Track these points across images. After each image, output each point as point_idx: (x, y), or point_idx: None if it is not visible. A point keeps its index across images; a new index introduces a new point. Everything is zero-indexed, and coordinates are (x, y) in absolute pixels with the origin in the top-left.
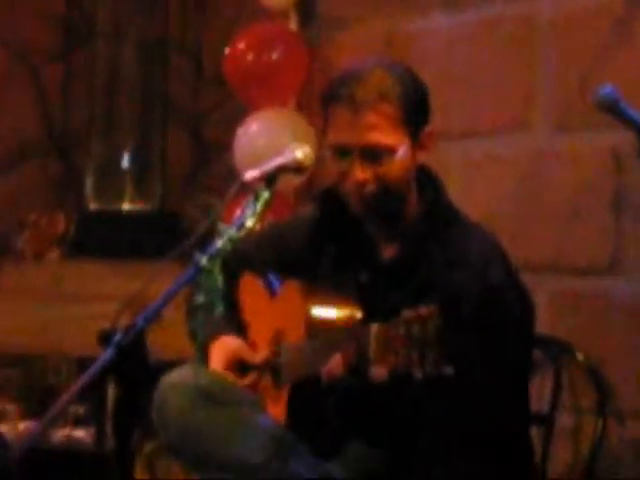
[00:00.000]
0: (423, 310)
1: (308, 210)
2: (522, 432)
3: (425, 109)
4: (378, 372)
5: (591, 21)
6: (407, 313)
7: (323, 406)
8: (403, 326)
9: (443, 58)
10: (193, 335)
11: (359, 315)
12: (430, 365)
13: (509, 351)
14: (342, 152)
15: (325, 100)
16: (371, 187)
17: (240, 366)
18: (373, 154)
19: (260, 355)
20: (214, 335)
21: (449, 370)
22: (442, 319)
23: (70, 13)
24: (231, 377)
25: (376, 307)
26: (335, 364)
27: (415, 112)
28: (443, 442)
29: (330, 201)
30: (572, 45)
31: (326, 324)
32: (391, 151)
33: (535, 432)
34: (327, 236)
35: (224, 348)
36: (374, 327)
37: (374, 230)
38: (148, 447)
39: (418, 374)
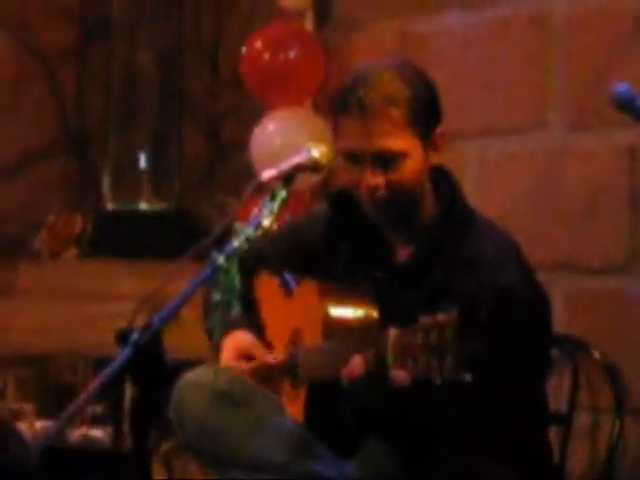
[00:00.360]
0: (441, 317)
1: (322, 208)
2: (541, 432)
3: (435, 110)
4: (400, 375)
5: (606, 19)
6: (425, 320)
7: (341, 408)
8: (421, 333)
9: (458, 57)
10: (210, 334)
11: (375, 315)
12: (449, 372)
13: (526, 351)
14: (353, 158)
15: (335, 107)
16: (383, 192)
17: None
18: (384, 160)
19: (273, 356)
20: (228, 331)
21: (468, 377)
22: (460, 326)
23: (85, 11)
24: (239, 366)
25: (392, 307)
26: (356, 365)
27: (425, 114)
28: (462, 444)
29: (343, 202)
30: (587, 43)
31: (343, 324)
32: (402, 156)
33: (553, 432)
34: (342, 235)
35: (236, 342)
36: (392, 332)
37: (389, 231)
38: (165, 447)
39: (437, 380)
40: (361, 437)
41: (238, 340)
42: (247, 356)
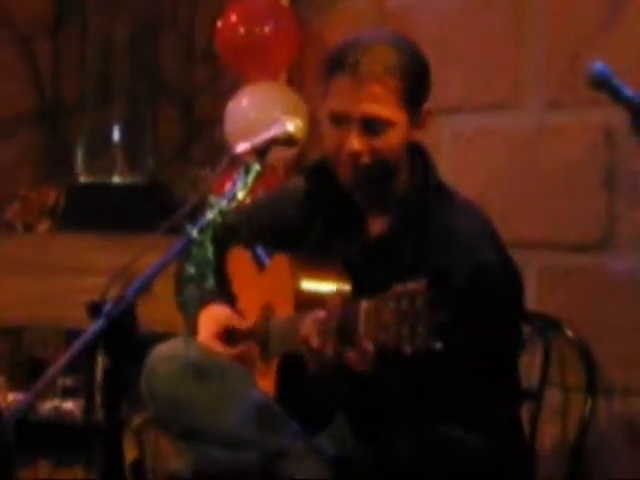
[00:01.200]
0: (412, 285)
1: (298, 182)
2: (512, 408)
3: (427, 86)
4: (355, 358)
5: None
6: (397, 288)
7: (312, 382)
8: (393, 301)
9: (435, 32)
10: (183, 307)
11: (348, 288)
12: (420, 339)
13: (498, 328)
14: (340, 120)
15: (328, 67)
16: (365, 159)
17: (229, 335)
18: (372, 125)
19: (249, 322)
20: (204, 305)
21: (438, 345)
22: (432, 294)
23: None
24: (220, 347)
25: (364, 281)
26: (306, 327)
27: (417, 88)
28: (430, 419)
29: (321, 174)
30: (564, 21)
31: (315, 297)
32: (390, 124)
33: (524, 408)
34: (316, 209)
35: (213, 316)
36: (364, 303)
37: (363, 203)
38: (137, 420)
39: (408, 349)
40: (331, 412)
41: (215, 314)
42: (225, 329)
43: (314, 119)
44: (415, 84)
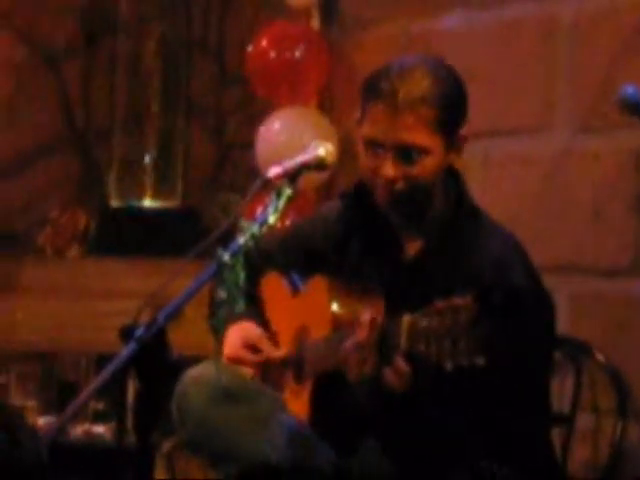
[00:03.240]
0: (457, 300)
1: (334, 205)
2: (544, 431)
3: (463, 112)
4: (393, 380)
5: (613, 21)
6: (440, 303)
7: (347, 404)
8: (436, 315)
9: (464, 57)
10: (215, 331)
11: (384, 310)
12: (462, 355)
13: (531, 352)
14: (376, 146)
15: (365, 92)
16: (400, 185)
17: (255, 351)
18: (407, 153)
19: (279, 350)
20: (233, 321)
21: (481, 360)
22: (476, 309)
23: (91, 8)
24: (246, 355)
25: (400, 302)
26: (347, 347)
27: (453, 115)
28: (465, 440)
29: (358, 196)
30: (594, 45)
31: (352, 319)
32: (425, 152)
33: (555, 432)
34: (352, 231)
35: (242, 331)
36: (406, 318)
37: (399, 225)
38: (168, 444)
39: (449, 365)
40: (362, 434)
41: (244, 329)
42: (252, 347)
43: (344, 143)
44: (451, 112)
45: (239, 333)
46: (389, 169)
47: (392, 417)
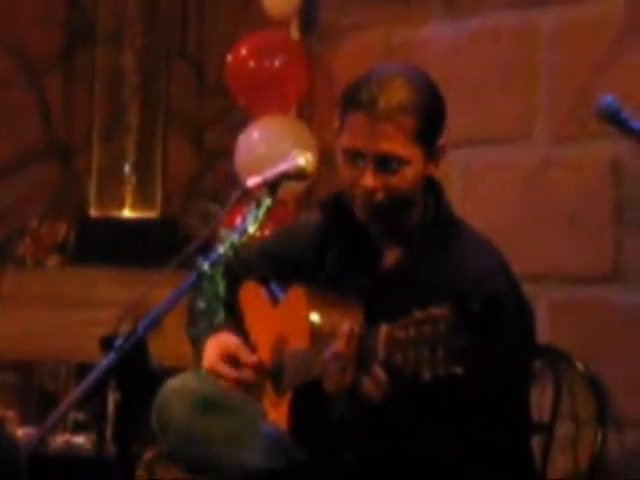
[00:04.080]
0: (435, 310)
1: (312, 216)
2: (524, 440)
3: (442, 122)
4: (371, 391)
5: (593, 31)
6: (418, 313)
7: (326, 414)
8: (414, 325)
9: (444, 66)
10: (193, 342)
11: (362, 319)
12: (440, 364)
13: (510, 360)
14: (355, 157)
15: (344, 102)
16: (380, 196)
17: (233, 363)
18: (386, 163)
19: (257, 356)
20: (212, 333)
21: (459, 370)
22: (454, 318)
23: (71, 18)
24: (224, 369)
25: (378, 312)
26: (325, 359)
27: (432, 126)
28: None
29: (337, 206)
30: (574, 54)
31: (330, 329)
32: (405, 162)
33: (535, 441)
34: (331, 241)
35: (219, 342)
36: (383, 328)
37: (378, 235)
38: (148, 454)
39: (427, 374)
40: (343, 444)
41: (222, 341)
42: (231, 357)
43: (324, 153)
44: (430, 121)
45: (216, 345)
46: (369, 179)
47: (370, 427)
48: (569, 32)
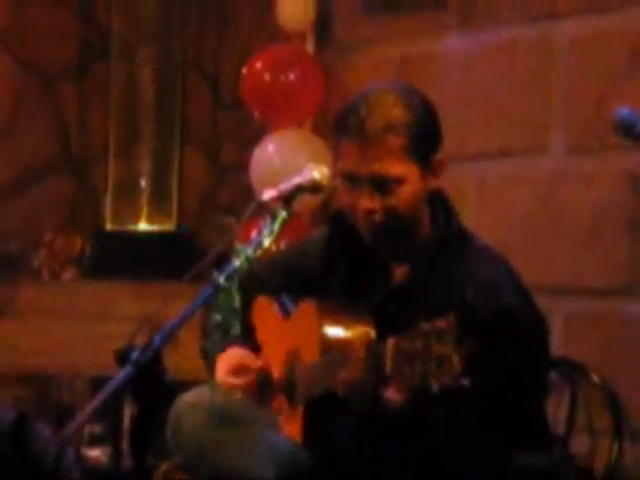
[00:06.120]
0: (440, 322)
1: (321, 231)
2: (541, 451)
3: (435, 137)
4: (393, 397)
5: (608, 43)
6: (424, 326)
7: (340, 426)
8: (420, 338)
9: (459, 79)
10: (205, 355)
11: (373, 335)
12: (447, 376)
13: (525, 373)
14: (351, 180)
15: (336, 128)
16: (380, 217)
17: (241, 373)
18: (381, 184)
19: (262, 359)
20: (221, 350)
21: (466, 381)
22: (459, 330)
23: (85, 31)
24: (233, 379)
25: (389, 326)
26: (351, 370)
27: (424, 141)
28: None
29: (341, 222)
30: (589, 67)
31: (341, 343)
32: (399, 181)
33: None
34: (339, 256)
35: (227, 357)
36: (390, 341)
37: (385, 253)
38: (163, 467)
39: (435, 386)
40: (359, 458)
41: (229, 355)
42: (238, 368)
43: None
44: (422, 138)
45: (224, 360)
46: (366, 201)
47: (389, 437)
48: (585, 45)
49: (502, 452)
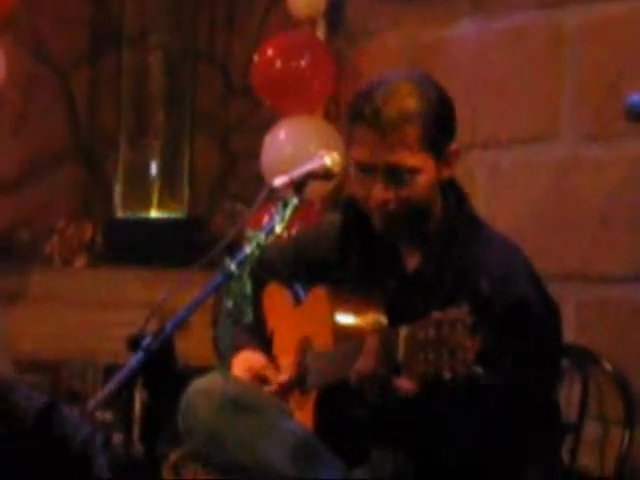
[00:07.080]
0: (453, 311)
1: (334, 217)
2: (553, 439)
3: (450, 127)
4: (405, 385)
5: (619, 30)
6: (436, 315)
7: (352, 413)
8: (432, 327)
9: (471, 66)
10: (217, 341)
11: (384, 322)
12: (460, 365)
13: (537, 361)
14: (365, 169)
15: (351, 115)
16: (393, 206)
17: (261, 382)
18: (396, 174)
19: (284, 375)
20: (237, 347)
21: (478, 370)
22: (472, 319)
23: (97, 19)
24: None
25: (402, 314)
26: (366, 360)
27: (439, 131)
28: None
29: (353, 209)
30: (600, 53)
31: (353, 331)
32: (414, 172)
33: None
34: (352, 244)
35: (247, 361)
36: (403, 329)
37: (397, 241)
38: (174, 454)
39: (447, 375)
40: (371, 442)
41: (249, 360)
42: (259, 377)
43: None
44: (437, 128)
45: (244, 364)
46: (380, 192)
47: (401, 423)
48: (595, 31)
49: (514, 440)
